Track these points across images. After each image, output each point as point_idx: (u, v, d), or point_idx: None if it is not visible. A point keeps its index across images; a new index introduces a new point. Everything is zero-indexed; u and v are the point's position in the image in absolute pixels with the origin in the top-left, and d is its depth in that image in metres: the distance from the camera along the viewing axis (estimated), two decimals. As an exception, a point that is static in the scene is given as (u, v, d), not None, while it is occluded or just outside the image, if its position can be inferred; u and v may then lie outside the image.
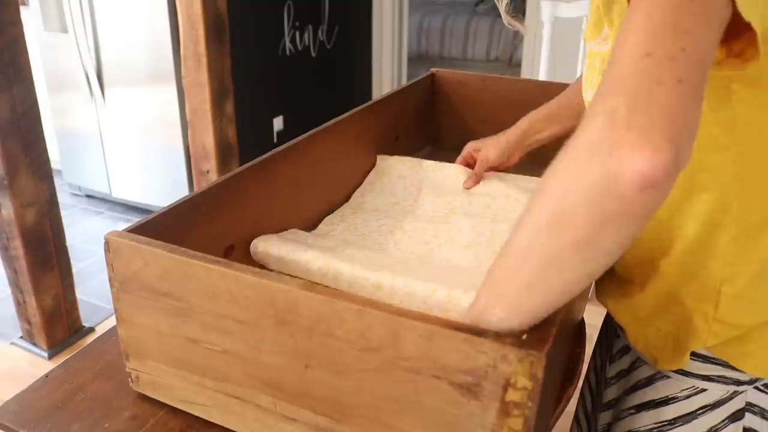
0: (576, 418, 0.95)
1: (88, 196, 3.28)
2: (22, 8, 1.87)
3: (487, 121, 1.41)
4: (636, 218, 0.44)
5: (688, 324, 0.68)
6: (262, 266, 0.88)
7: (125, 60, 2.78)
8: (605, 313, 0.86)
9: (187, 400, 0.67)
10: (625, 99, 0.42)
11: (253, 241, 0.88)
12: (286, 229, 0.96)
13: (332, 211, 1.09)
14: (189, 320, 0.62)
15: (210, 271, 0.59)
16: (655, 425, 0.75)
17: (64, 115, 3.07)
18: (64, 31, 2.89)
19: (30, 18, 2.88)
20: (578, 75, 1.17)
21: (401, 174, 1.19)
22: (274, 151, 0.92)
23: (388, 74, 3.69)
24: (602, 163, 0.42)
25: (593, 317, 1.07)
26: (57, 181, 2.08)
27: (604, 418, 0.83)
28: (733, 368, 0.69)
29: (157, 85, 2.74)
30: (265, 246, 0.87)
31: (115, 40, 2.77)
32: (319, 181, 1.04)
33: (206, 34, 2.28)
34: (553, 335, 0.50)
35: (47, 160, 1.96)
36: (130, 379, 0.70)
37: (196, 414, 0.68)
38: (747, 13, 0.45)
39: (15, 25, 1.79)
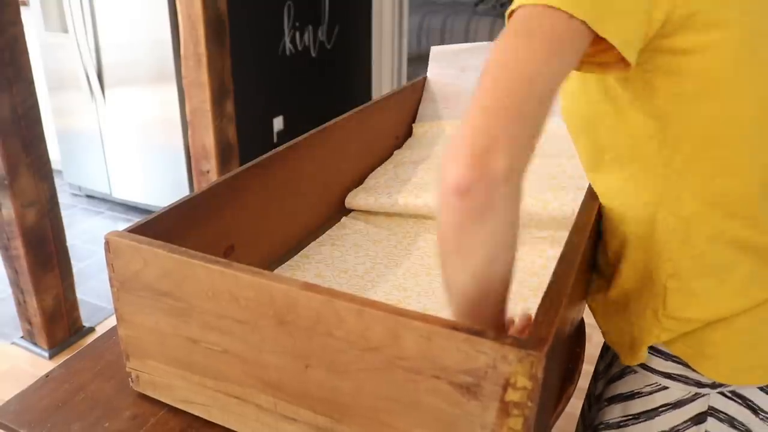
0: (582, 412, 0.96)
1: (89, 196, 3.28)
2: (22, 8, 1.87)
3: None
4: (472, 218, 0.51)
5: (642, 320, 0.71)
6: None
7: (125, 60, 2.78)
8: None
9: (187, 399, 0.68)
10: (463, 131, 0.50)
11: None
12: (285, 229, 0.96)
13: (332, 211, 1.09)
14: (189, 320, 0.62)
15: (210, 271, 0.59)
16: (622, 418, 0.77)
17: (64, 115, 3.07)
18: (65, 31, 2.89)
19: (30, 18, 2.88)
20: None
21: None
22: (274, 151, 0.92)
23: (388, 74, 3.69)
24: (441, 177, 0.51)
25: (593, 317, 1.06)
26: (57, 181, 2.08)
27: (593, 411, 0.85)
28: (694, 369, 0.70)
29: (157, 85, 2.74)
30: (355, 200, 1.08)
31: (116, 40, 2.77)
32: (319, 181, 1.04)
33: (206, 34, 2.28)
34: (553, 335, 0.50)
35: (48, 160, 1.96)
36: (130, 379, 0.70)
37: (197, 414, 0.68)
38: (606, 31, 0.53)
39: (15, 25, 1.79)
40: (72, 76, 2.92)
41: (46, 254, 2.01)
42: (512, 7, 0.55)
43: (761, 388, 0.70)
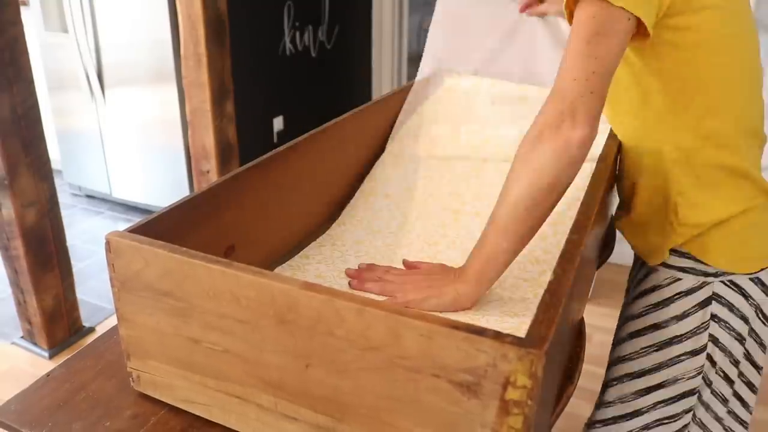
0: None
1: (89, 196, 3.29)
2: (22, 8, 1.87)
3: (486, 120, 1.41)
4: (577, 163, 0.75)
5: (662, 229, 0.94)
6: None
7: (125, 60, 2.78)
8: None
9: (188, 399, 0.68)
10: (567, 106, 0.74)
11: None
12: (285, 230, 0.96)
13: (331, 212, 1.09)
14: (190, 320, 0.63)
15: (211, 271, 0.59)
16: (644, 309, 0.99)
17: (64, 115, 3.08)
18: (65, 31, 2.89)
19: (30, 18, 2.88)
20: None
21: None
22: (274, 151, 0.92)
23: (388, 74, 3.69)
24: (557, 138, 0.74)
25: (593, 317, 1.07)
26: (57, 181, 2.08)
27: (621, 319, 1.07)
28: (700, 261, 0.92)
29: (157, 85, 2.74)
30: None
31: (116, 40, 2.78)
32: (319, 181, 1.04)
33: (206, 34, 2.28)
34: (553, 334, 0.50)
35: (48, 160, 1.96)
36: (131, 379, 0.71)
37: (197, 413, 0.68)
38: (640, 12, 0.75)
39: (15, 24, 1.79)
40: (72, 76, 2.92)
41: (46, 254, 2.01)
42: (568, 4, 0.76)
43: (751, 279, 0.93)
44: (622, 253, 1.14)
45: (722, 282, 0.92)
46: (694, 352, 0.94)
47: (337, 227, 1.06)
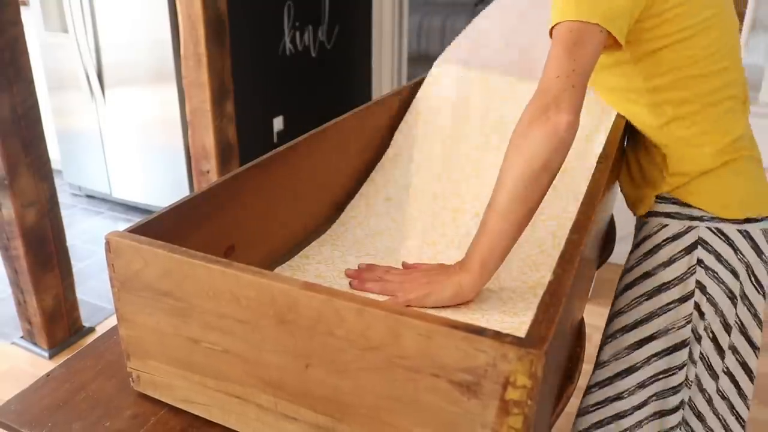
0: None
1: (89, 196, 3.29)
2: (22, 8, 1.87)
3: (486, 120, 1.40)
4: (566, 145, 0.80)
5: (652, 180, 1.03)
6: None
7: (125, 60, 2.78)
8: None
9: (187, 399, 0.68)
10: (551, 99, 0.81)
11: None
12: (285, 230, 0.96)
13: (331, 212, 1.09)
14: (190, 320, 0.63)
15: (211, 271, 0.59)
16: (636, 260, 1.06)
17: (64, 115, 3.08)
18: (65, 31, 2.89)
19: (30, 18, 2.88)
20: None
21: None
22: (274, 151, 0.92)
23: (388, 74, 3.69)
24: (546, 125, 0.80)
25: (593, 317, 1.07)
26: (57, 181, 2.08)
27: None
28: (686, 205, 1.00)
29: (157, 85, 2.74)
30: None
31: (116, 40, 2.78)
32: (319, 182, 1.04)
33: (206, 34, 2.28)
34: (553, 333, 0.50)
35: (47, 160, 1.96)
36: (131, 379, 0.71)
37: (197, 413, 0.68)
38: (614, 31, 0.85)
39: (15, 24, 1.79)
40: (72, 76, 2.92)
41: (46, 254, 2.01)
42: (556, 20, 0.84)
43: (739, 231, 0.98)
44: (622, 253, 1.14)
45: (708, 228, 0.98)
46: (682, 299, 0.98)
47: (337, 227, 1.06)
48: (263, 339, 0.59)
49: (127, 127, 2.90)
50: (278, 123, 3.03)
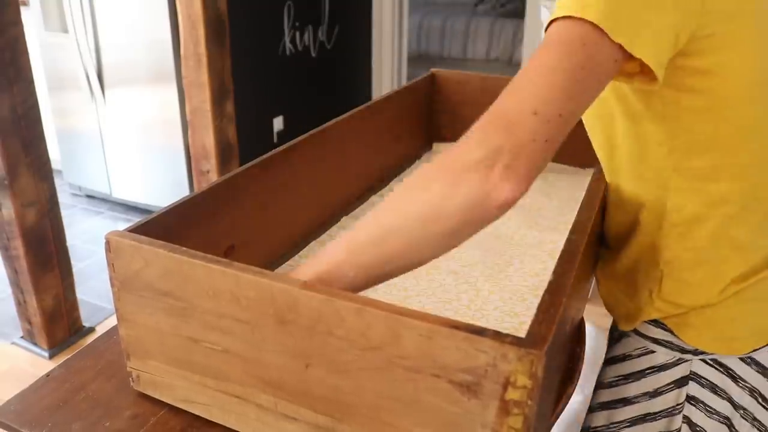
0: None
1: (89, 196, 3.28)
2: (22, 8, 1.87)
3: (487, 120, 1.41)
4: (488, 223, 0.58)
5: (639, 296, 0.79)
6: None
7: (125, 60, 2.78)
8: None
9: (187, 399, 0.68)
10: (510, 145, 0.55)
11: None
12: (285, 230, 0.96)
13: (332, 211, 1.09)
14: (190, 320, 0.63)
15: (211, 271, 0.59)
16: (614, 378, 0.86)
17: (64, 115, 3.07)
18: (65, 31, 2.89)
19: (30, 18, 2.88)
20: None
21: None
22: (274, 151, 0.92)
23: (388, 74, 3.69)
24: (480, 185, 0.55)
25: (593, 317, 1.07)
26: (57, 181, 2.08)
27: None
28: (678, 336, 0.78)
29: (157, 85, 2.74)
30: None
31: (116, 40, 2.77)
32: (318, 181, 1.04)
33: (206, 34, 2.28)
34: (553, 334, 0.50)
35: (48, 160, 1.96)
36: (131, 379, 0.71)
37: (197, 413, 0.68)
38: (638, 51, 0.58)
39: (15, 25, 1.79)
40: (72, 76, 2.92)
41: (46, 254, 2.01)
42: (555, 15, 0.59)
43: (742, 359, 0.77)
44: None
45: (703, 361, 0.78)
46: None
47: (337, 230, 1.06)
48: (263, 339, 0.59)
49: (127, 127, 2.90)
50: (278, 123, 3.03)
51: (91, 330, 2.23)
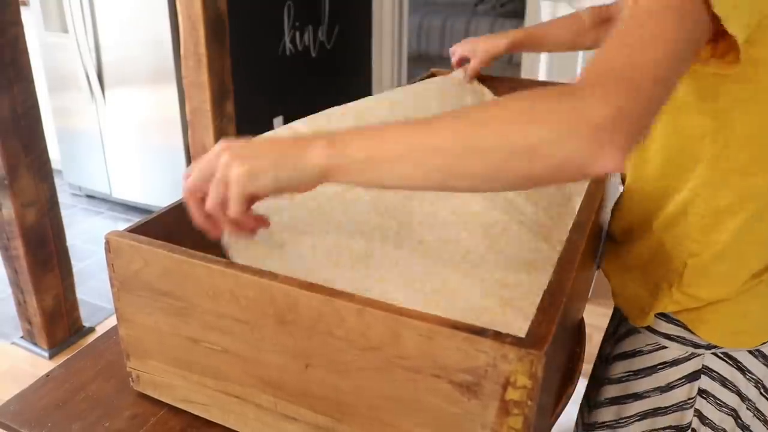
0: (593, 371, 1.01)
1: (89, 196, 3.28)
2: (22, 8, 1.87)
3: (487, 120, 1.40)
4: (574, 181, 0.57)
5: (656, 289, 0.79)
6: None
7: (125, 60, 2.78)
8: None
9: (187, 399, 0.68)
10: (632, 111, 0.48)
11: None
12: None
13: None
14: (189, 320, 0.63)
15: (210, 271, 0.59)
16: (624, 374, 0.86)
17: (64, 115, 3.07)
18: (65, 31, 2.89)
19: (30, 18, 2.88)
20: (578, 74, 1.19)
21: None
22: (274, 150, 0.92)
23: (388, 74, 3.69)
24: (590, 146, 0.48)
25: (593, 317, 1.07)
26: (57, 181, 2.08)
27: (601, 369, 0.94)
28: (691, 331, 0.79)
29: (157, 85, 2.74)
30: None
31: (116, 40, 2.77)
32: (319, 181, 1.04)
33: (206, 34, 2.28)
34: (553, 334, 0.50)
35: (47, 160, 1.96)
36: (130, 379, 0.71)
37: (197, 413, 0.68)
38: (733, 27, 0.54)
39: (15, 25, 1.79)
40: (72, 76, 2.92)
41: (46, 254, 2.01)
42: None
43: (750, 352, 0.79)
44: (623, 253, 1.14)
45: (715, 354, 0.80)
46: (679, 429, 0.83)
47: None
48: (263, 339, 0.59)
49: (127, 127, 2.90)
50: (278, 123, 3.03)
51: (91, 330, 2.23)
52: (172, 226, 0.73)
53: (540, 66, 2.37)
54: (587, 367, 0.85)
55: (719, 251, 0.73)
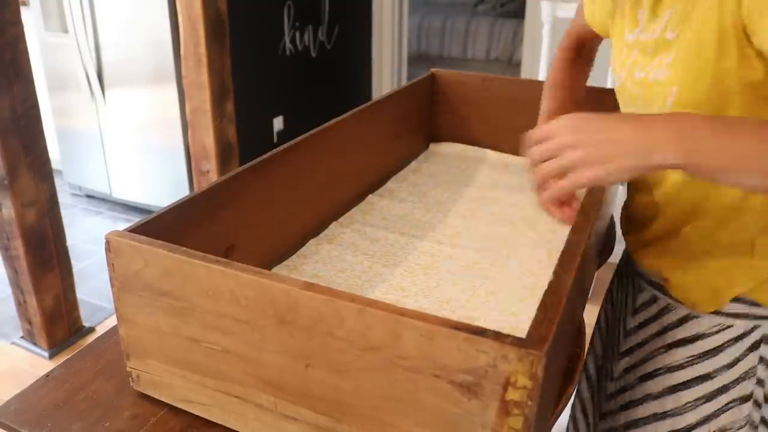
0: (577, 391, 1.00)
1: (89, 196, 3.29)
2: (22, 8, 1.87)
3: (487, 121, 1.41)
4: None
5: (729, 272, 0.81)
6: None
7: (125, 60, 2.78)
8: (609, 283, 0.99)
9: (187, 399, 0.68)
10: None
11: None
12: (285, 230, 0.96)
13: (331, 212, 1.09)
14: (189, 320, 0.63)
15: (210, 271, 0.59)
16: (686, 359, 0.87)
17: (64, 115, 3.07)
18: (65, 31, 2.89)
19: (30, 18, 2.88)
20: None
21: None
22: (274, 151, 0.92)
23: (388, 74, 3.69)
24: None
25: (593, 317, 1.06)
26: (57, 181, 2.08)
27: (622, 364, 0.94)
28: (758, 305, 0.81)
29: (157, 85, 2.74)
30: None
31: (116, 40, 2.78)
32: (318, 181, 1.04)
33: (206, 34, 2.28)
34: (553, 334, 0.50)
35: (47, 160, 1.96)
36: (130, 379, 0.71)
37: (197, 413, 0.68)
38: None
39: (16, 25, 1.79)
40: (72, 76, 2.92)
41: (46, 254, 2.01)
42: None
43: None
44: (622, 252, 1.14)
45: None
46: (742, 399, 0.85)
47: (334, 228, 1.06)
48: (263, 339, 0.59)
49: (127, 127, 2.90)
50: (278, 123, 3.03)
51: (91, 330, 2.23)
52: (173, 226, 0.73)
53: (540, 67, 2.37)
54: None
55: None
